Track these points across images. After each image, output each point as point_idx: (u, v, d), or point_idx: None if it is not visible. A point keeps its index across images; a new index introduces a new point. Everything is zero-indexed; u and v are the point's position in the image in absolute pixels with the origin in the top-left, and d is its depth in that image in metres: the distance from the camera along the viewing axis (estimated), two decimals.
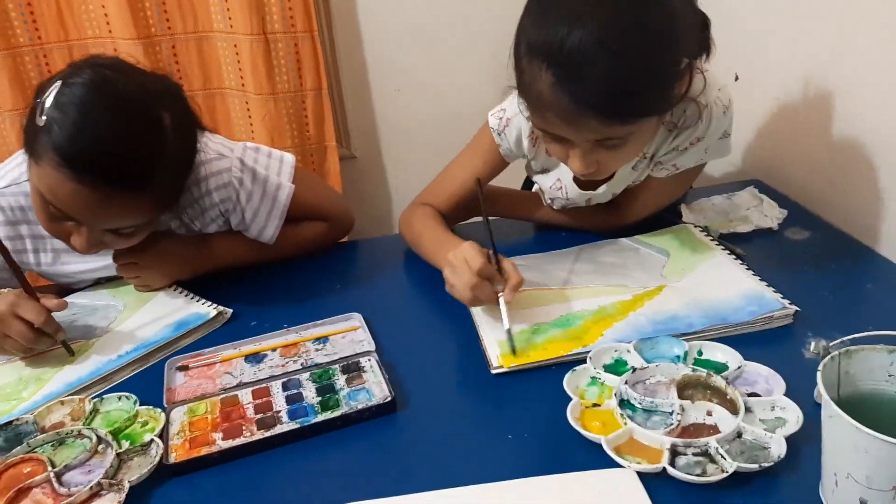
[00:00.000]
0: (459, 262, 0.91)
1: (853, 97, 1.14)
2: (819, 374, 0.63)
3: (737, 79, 1.40)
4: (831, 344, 0.66)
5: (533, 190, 1.22)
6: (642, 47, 0.78)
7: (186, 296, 1.06)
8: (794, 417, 0.72)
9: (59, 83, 0.85)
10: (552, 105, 0.82)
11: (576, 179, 1.07)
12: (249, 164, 1.07)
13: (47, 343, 0.92)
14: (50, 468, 0.74)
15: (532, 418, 0.79)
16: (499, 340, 0.90)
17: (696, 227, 1.13)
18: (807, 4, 1.21)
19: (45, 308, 0.91)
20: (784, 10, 1.27)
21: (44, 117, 0.84)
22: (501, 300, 0.90)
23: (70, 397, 0.85)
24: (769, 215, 1.16)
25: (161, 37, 1.64)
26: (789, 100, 1.29)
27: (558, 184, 1.10)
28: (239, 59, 1.67)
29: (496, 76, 0.92)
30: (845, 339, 0.67)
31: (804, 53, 1.23)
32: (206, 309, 1.01)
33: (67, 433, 0.80)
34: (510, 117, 1.04)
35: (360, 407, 0.80)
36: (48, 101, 0.84)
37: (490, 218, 1.15)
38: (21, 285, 0.93)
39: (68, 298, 1.08)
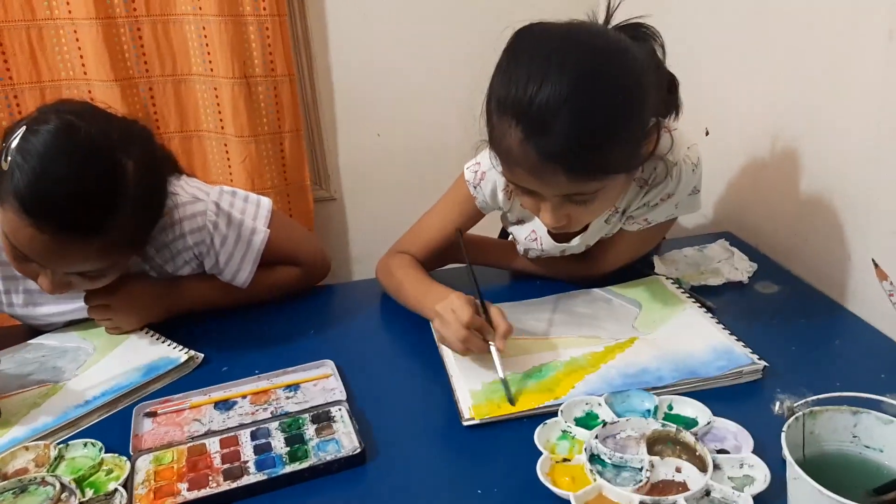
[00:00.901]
0: (448, 314, 0.92)
1: (818, 151, 1.17)
2: (783, 436, 0.64)
3: (707, 133, 1.44)
4: (796, 404, 0.67)
5: (508, 239, 1.23)
6: (609, 106, 0.81)
7: (157, 339, 1.05)
8: (761, 476, 0.73)
9: (23, 128, 0.87)
10: (521, 160, 0.84)
11: (550, 231, 1.09)
12: (225, 208, 1.07)
13: None
14: None
15: (502, 472, 0.79)
16: (472, 391, 0.90)
17: (667, 278, 1.15)
18: (773, 62, 1.25)
19: None
20: (751, 67, 1.31)
21: (7, 161, 0.86)
22: (493, 350, 0.91)
23: (35, 443, 0.84)
24: (739, 268, 1.18)
25: (138, 79, 1.65)
26: (757, 154, 1.33)
27: (533, 235, 1.11)
28: (219, 101, 1.68)
29: (469, 132, 0.94)
30: (809, 399, 0.68)
31: (771, 108, 1.27)
32: (177, 353, 1.00)
33: (30, 480, 0.78)
34: (485, 171, 1.06)
35: (328, 458, 0.80)
36: (13, 146, 0.86)
37: (461, 265, 1.16)
38: None
39: (38, 340, 1.08)
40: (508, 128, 0.83)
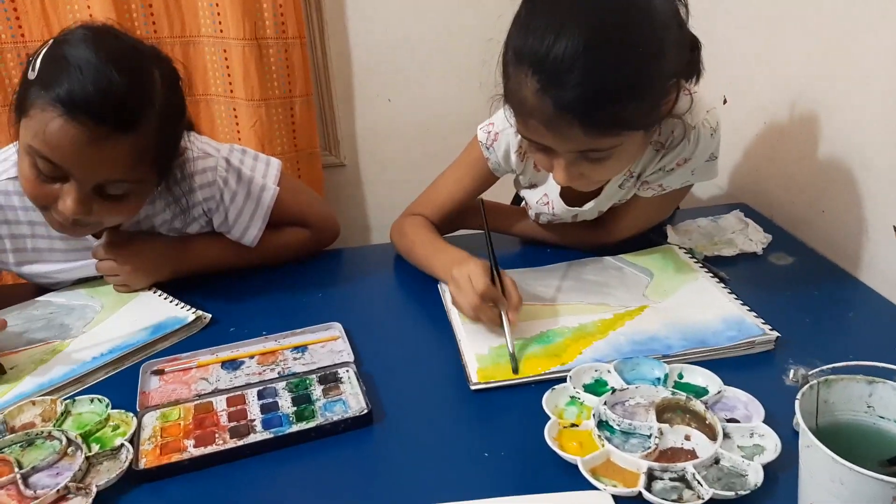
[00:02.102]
0: (464, 281, 0.92)
1: (837, 122, 1.15)
2: (797, 403, 0.63)
3: (725, 101, 1.41)
4: (810, 373, 0.66)
5: (521, 205, 1.22)
6: (627, 58, 0.79)
7: (165, 299, 1.04)
8: (772, 445, 0.72)
9: (50, 42, 0.88)
10: (536, 111, 0.82)
11: (563, 195, 1.07)
12: (235, 164, 1.07)
13: None
14: (17, 469, 0.73)
15: (509, 436, 0.78)
16: (478, 355, 0.89)
17: (680, 248, 1.13)
18: (792, 28, 1.22)
19: None
20: (770, 34, 1.28)
21: (34, 71, 0.85)
22: (505, 321, 0.90)
23: (42, 398, 0.84)
24: (754, 240, 1.17)
25: (146, 39, 1.58)
26: (775, 123, 1.30)
27: (545, 199, 1.10)
28: (228, 64, 1.66)
29: (485, 87, 0.92)
30: (824, 367, 0.66)
31: (789, 76, 1.24)
32: (185, 313, 1.00)
33: (37, 434, 0.78)
34: (498, 131, 1.05)
35: (335, 419, 0.79)
36: (39, 58, 0.86)
37: (475, 231, 1.15)
38: None
39: (46, 297, 1.08)
40: (524, 78, 0.81)
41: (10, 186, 0.99)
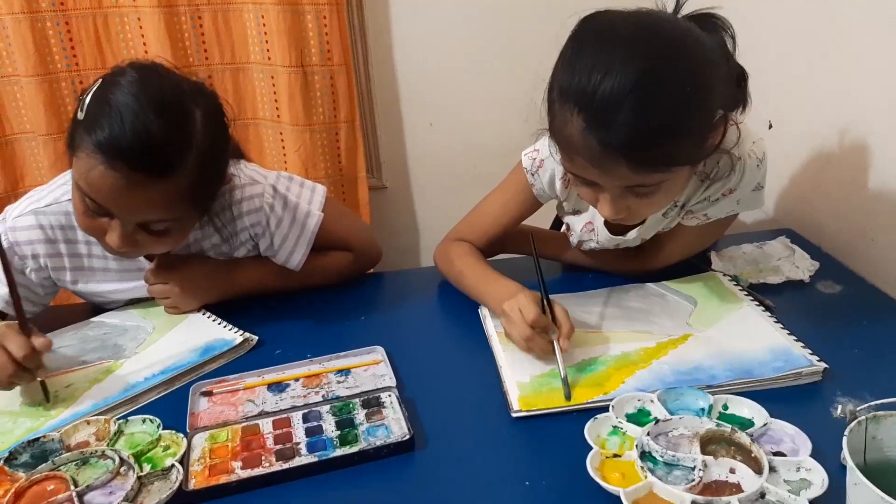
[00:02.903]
0: (514, 313, 0.93)
1: (884, 148, 1.13)
2: (845, 440, 0.62)
3: (770, 126, 1.40)
4: (859, 408, 0.65)
5: (562, 230, 1.22)
6: (674, 97, 0.78)
7: (214, 321, 1.07)
8: (819, 480, 0.71)
9: (100, 81, 0.92)
10: (582, 149, 0.83)
11: (607, 224, 1.07)
12: (281, 192, 1.10)
13: (27, 378, 0.92)
14: (72, 487, 0.75)
15: (550, 465, 0.78)
16: (520, 383, 0.90)
17: (725, 275, 1.12)
18: (841, 55, 1.21)
19: (32, 344, 0.90)
20: (818, 60, 1.27)
21: (83, 112, 0.90)
22: (557, 349, 0.91)
23: (96, 417, 0.87)
24: (800, 267, 1.15)
25: (198, 66, 1.67)
26: (823, 149, 1.28)
27: (590, 226, 1.10)
28: (275, 90, 1.70)
29: (527, 115, 0.93)
30: (873, 403, 0.65)
31: (835, 102, 1.23)
32: (233, 335, 1.02)
33: (91, 453, 0.81)
34: (543, 158, 1.05)
35: (378, 443, 0.81)
36: (88, 98, 0.90)
37: (517, 256, 1.15)
38: (17, 317, 0.93)
39: (100, 318, 1.12)
40: (570, 116, 0.82)
41: (71, 207, 1.02)
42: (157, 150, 0.88)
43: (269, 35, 1.64)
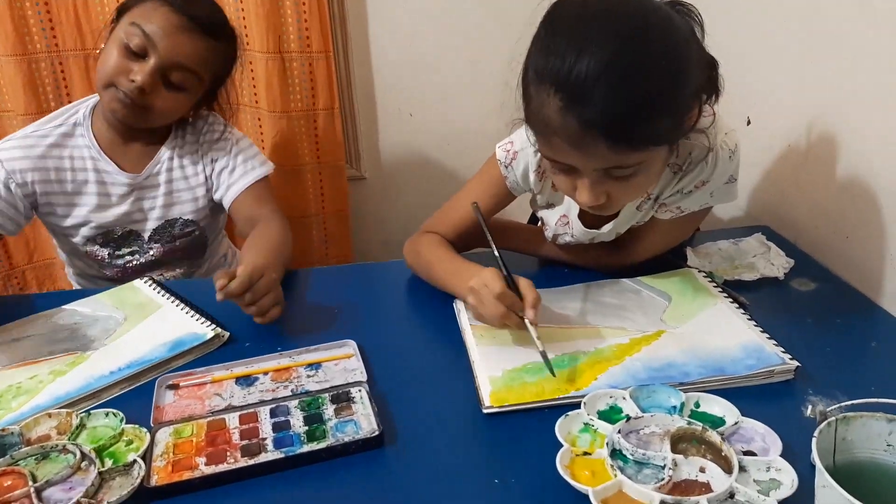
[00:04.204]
0: (482, 290, 0.93)
1: (862, 146, 1.13)
2: (814, 441, 0.62)
3: (749, 123, 1.40)
4: (829, 409, 0.65)
5: (538, 224, 1.21)
6: (651, 71, 0.78)
7: (186, 312, 1.05)
8: (788, 480, 0.70)
9: None
10: (560, 130, 0.81)
11: (581, 217, 1.06)
12: (248, 140, 1.34)
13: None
14: (31, 483, 0.73)
15: (520, 462, 0.78)
16: (491, 377, 0.89)
17: (700, 271, 1.12)
18: (815, 51, 1.21)
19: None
20: (792, 56, 1.27)
21: None
22: (528, 323, 0.91)
23: (58, 410, 0.84)
24: (776, 264, 1.15)
25: None
26: (798, 145, 1.28)
27: (564, 220, 1.09)
28: (254, 76, 1.68)
29: (506, 108, 0.91)
30: (843, 404, 0.65)
31: (813, 99, 1.23)
32: (204, 329, 1.00)
33: (52, 447, 0.79)
34: (517, 150, 1.04)
35: (346, 439, 0.79)
36: None
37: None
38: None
39: (73, 305, 1.10)
40: (547, 97, 0.81)
41: (57, 133, 1.25)
42: (211, 13, 1.19)
43: (247, 21, 1.61)
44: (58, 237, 1.34)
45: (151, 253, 1.33)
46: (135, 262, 1.33)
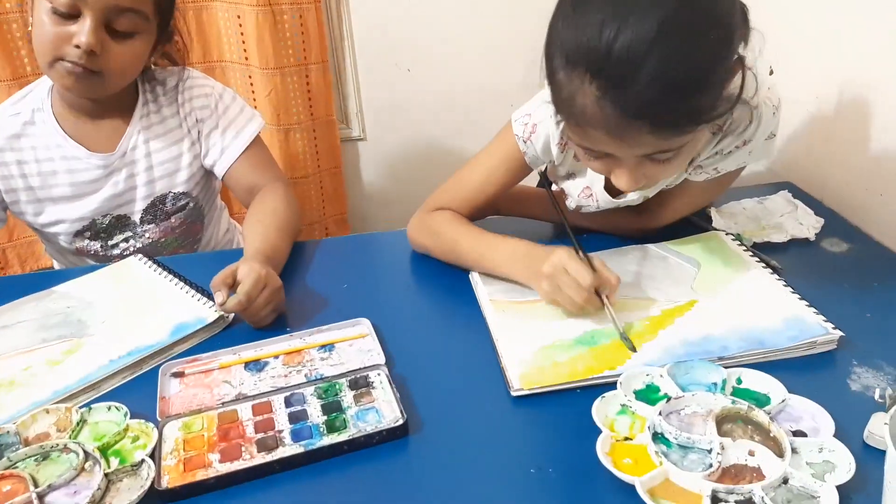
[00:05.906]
0: (562, 276, 0.86)
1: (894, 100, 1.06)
2: (887, 428, 0.57)
3: (771, 72, 1.32)
4: None
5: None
6: (700, 42, 0.68)
7: (187, 292, 0.98)
8: (845, 463, 0.66)
9: None
10: (598, 122, 0.72)
11: (607, 187, 0.99)
12: (230, 92, 1.22)
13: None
14: (32, 487, 0.68)
15: (556, 449, 0.73)
16: (521, 359, 0.83)
17: (727, 234, 1.06)
18: (849, 4, 1.13)
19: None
20: (826, 9, 1.19)
21: None
22: (608, 306, 0.86)
23: (56, 405, 0.78)
24: (805, 224, 1.10)
25: None
26: (828, 97, 1.21)
27: (587, 192, 1.02)
28: (242, 30, 1.58)
29: (514, 61, 0.83)
30: None
31: (844, 51, 1.16)
32: (206, 311, 0.94)
33: (52, 447, 0.73)
34: (536, 122, 0.96)
35: (369, 430, 0.74)
36: None
37: (512, 217, 1.08)
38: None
39: (63, 287, 1.03)
40: (581, 85, 0.71)
41: (20, 122, 1.13)
42: None
43: None
44: (45, 241, 1.23)
45: (147, 236, 1.23)
46: (131, 249, 1.22)
